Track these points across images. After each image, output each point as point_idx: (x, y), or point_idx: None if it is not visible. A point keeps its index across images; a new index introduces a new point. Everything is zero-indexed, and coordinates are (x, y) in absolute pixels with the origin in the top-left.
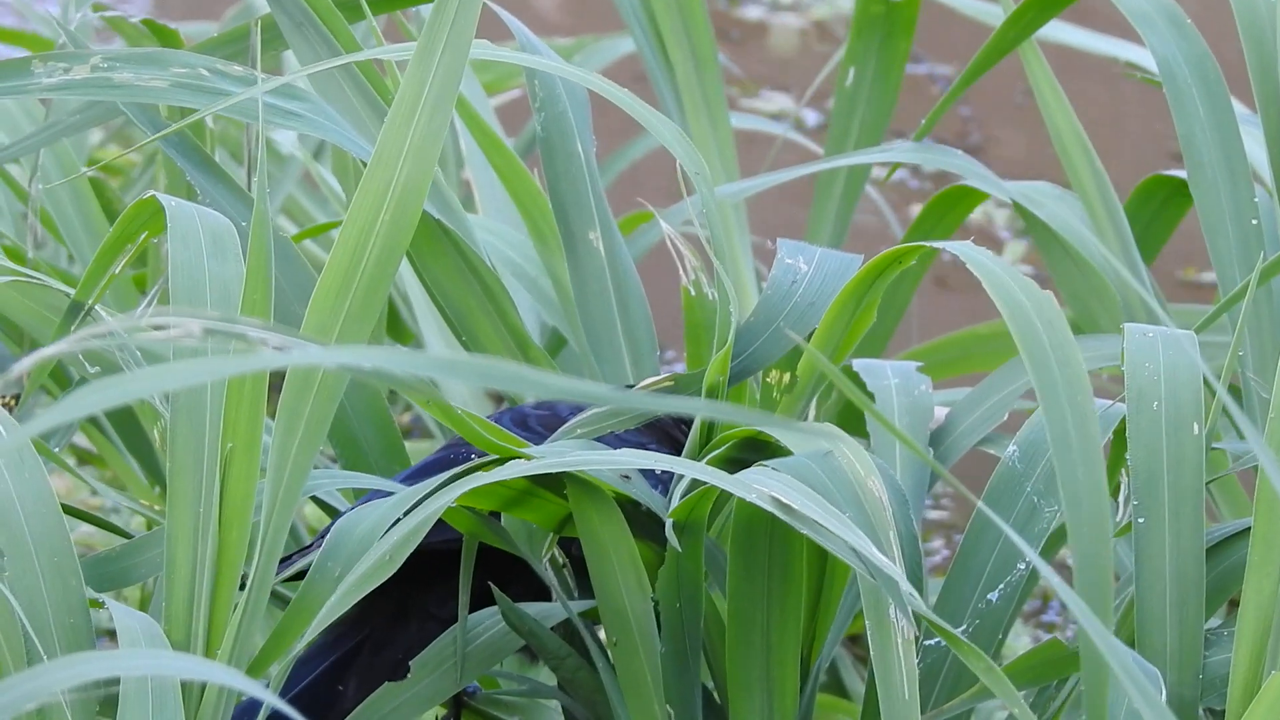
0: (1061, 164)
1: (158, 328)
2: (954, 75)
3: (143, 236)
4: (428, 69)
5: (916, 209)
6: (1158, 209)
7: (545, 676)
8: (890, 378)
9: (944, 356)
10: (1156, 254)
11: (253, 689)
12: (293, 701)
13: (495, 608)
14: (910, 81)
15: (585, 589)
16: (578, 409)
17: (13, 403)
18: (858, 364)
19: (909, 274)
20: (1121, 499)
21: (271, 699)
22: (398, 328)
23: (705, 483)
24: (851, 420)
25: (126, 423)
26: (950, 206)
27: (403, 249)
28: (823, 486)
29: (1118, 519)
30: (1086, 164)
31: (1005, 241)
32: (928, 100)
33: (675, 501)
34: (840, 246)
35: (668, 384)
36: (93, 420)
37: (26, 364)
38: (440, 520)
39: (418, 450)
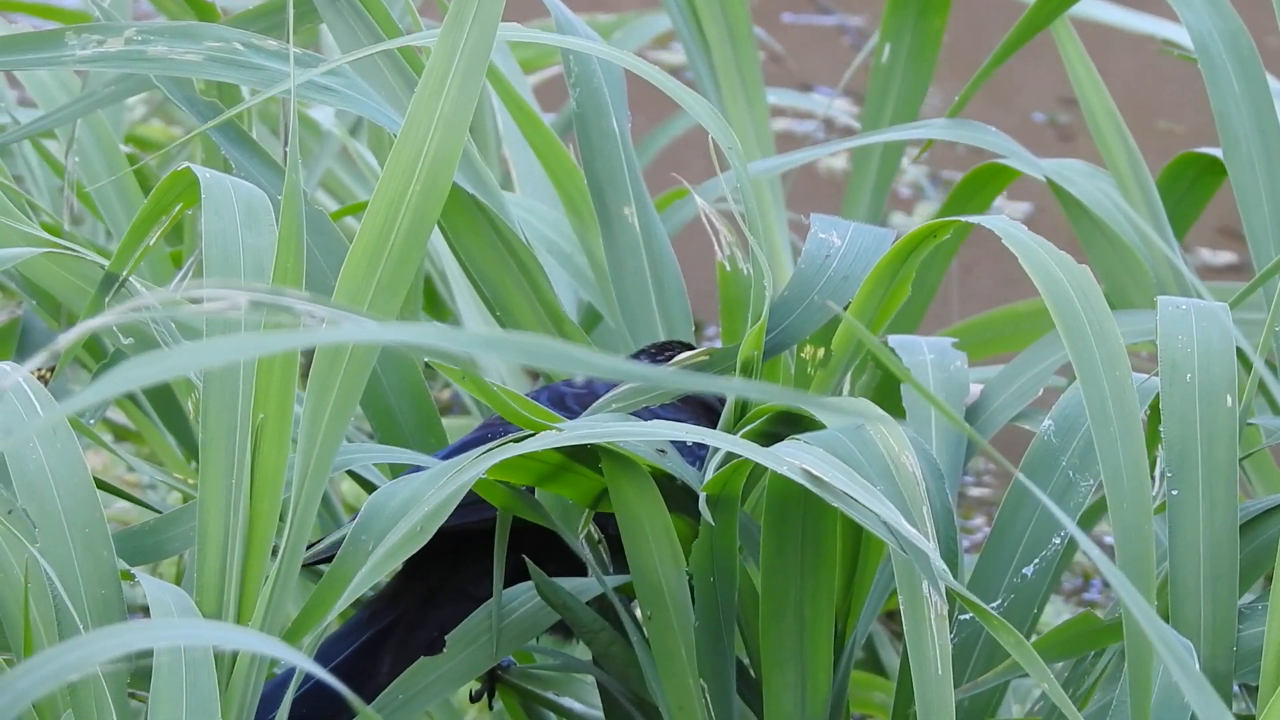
0: (1095, 141)
1: (195, 300)
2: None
3: (177, 208)
4: (457, 39)
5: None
6: (1189, 186)
7: (581, 653)
8: (926, 353)
9: (983, 335)
10: (1187, 231)
11: (289, 655)
12: (337, 669)
13: (530, 584)
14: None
15: (621, 565)
16: (615, 385)
17: (48, 374)
18: (893, 340)
19: (942, 250)
20: (1158, 474)
21: (306, 663)
22: (435, 304)
23: (739, 456)
24: (887, 398)
25: (162, 398)
26: (984, 183)
27: (433, 220)
28: (855, 460)
29: (1154, 493)
30: (1119, 141)
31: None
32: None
33: (709, 475)
34: (877, 222)
35: (702, 359)
36: (129, 395)
37: (69, 338)
38: (480, 500)
39: (455, 427)
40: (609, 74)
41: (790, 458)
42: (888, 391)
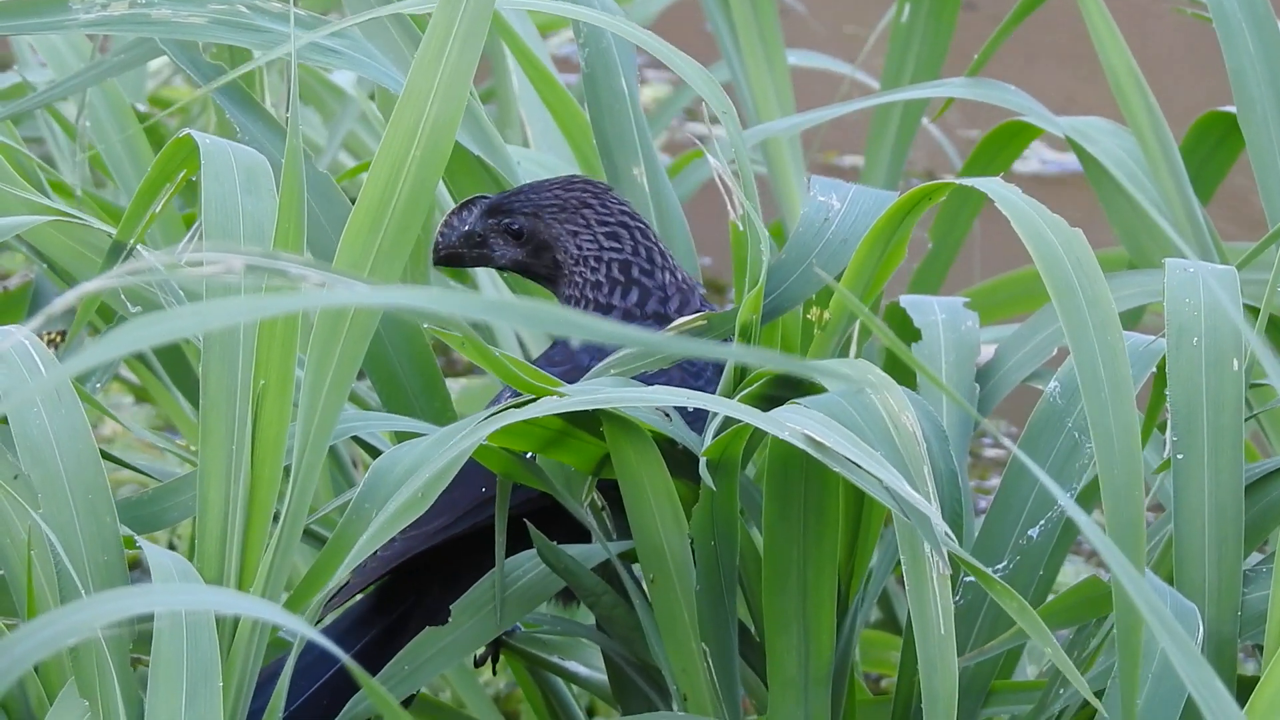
0: (1116, 101)
1: (197, 264)
2: None
3: (181, 175)
4: (457, 4)
5: None
6: (1214, 146)
7: (585, 619)
8: (937, 313)
9: (1004, 296)
10: (1213, 190)
11: (288, 620)
12: (355, 658)
13: (534, 552)
14: None
15: (625, 533)
16: (598, 356)
17: (59, 338)
18: (905, 300)
19: (964, 211)
20: (1168, 437)
21: (305, 628)
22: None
23: (739, 420)
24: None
25: (176, 363)
26: (1005, 142)
27: (434, 184)
28: (854, 423)
29: (1165, 455)
30: (1141, 101)
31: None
32: None
33: (709, 439)
34: (897, 182)
35: (700, 323)
36: (144, 361)
37: (66, 300)
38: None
39: (473, 388)
40: (618, 35)
41: (790, 423)
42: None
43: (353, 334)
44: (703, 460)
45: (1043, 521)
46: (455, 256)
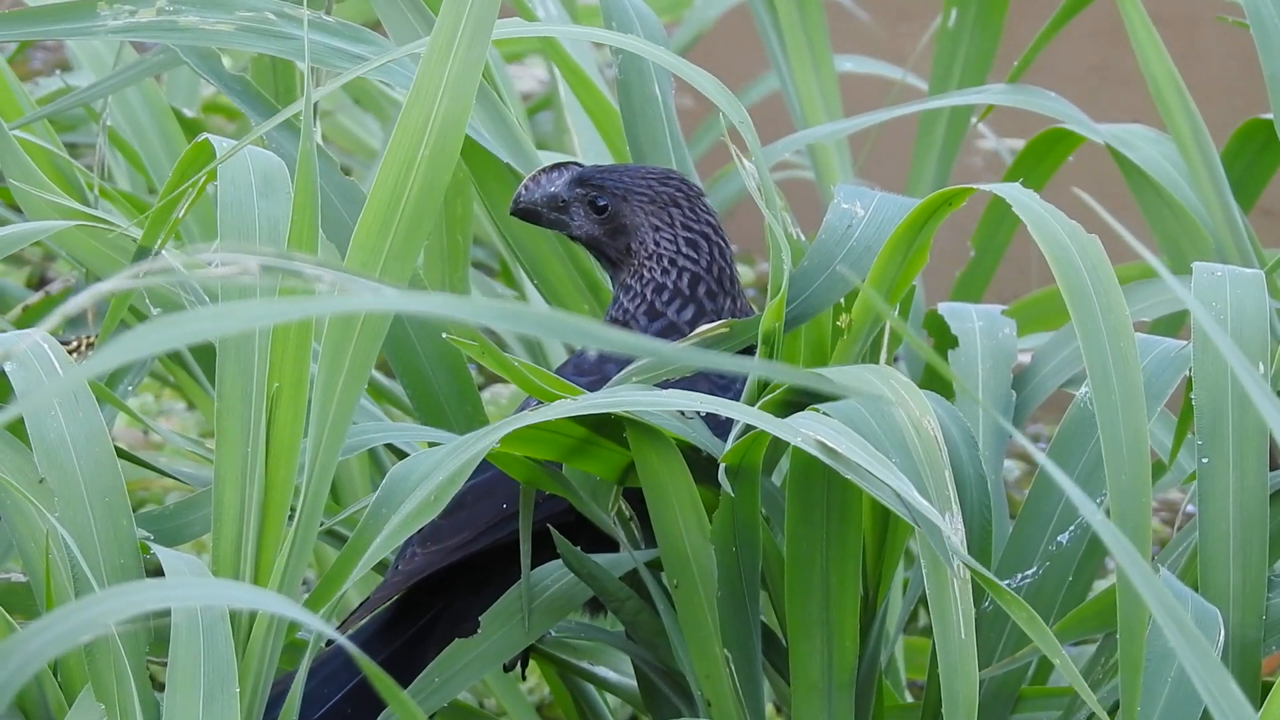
0: (1157, 108)
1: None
2: None
3: (203, 180)
4: (463, 2)
5: None
6: (1256, 154)
7: (614, 628)
8: (975, 321)
9: (1057, 304)
10: (1256, 198)
11: (303, 615)
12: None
13: (560, 562)
14: None
15: (653, 542)
16: (624, 365)
17: (92, 340)
18: (942, 307)
19: (1008, 218)
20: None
21: (330, 632)
22: (508, 278)
23: (758, 427)
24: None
25: (210, 358)
26: (1048, 149)
27: (444, 184)
28: (871, 430)
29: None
30: (1181, 108)
31: None
32: None
33: (729, 445)
34: (944, 187)
35: (723, 330)
36: (184, 365)
37: (79, 302)
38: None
39: (519, 395)
40: (651, 39)
41: (805, 429)
42: (941, 355)
43: (365, 335)
44: (722, 466)
45: (1072, 528)
46: (533, 214)
